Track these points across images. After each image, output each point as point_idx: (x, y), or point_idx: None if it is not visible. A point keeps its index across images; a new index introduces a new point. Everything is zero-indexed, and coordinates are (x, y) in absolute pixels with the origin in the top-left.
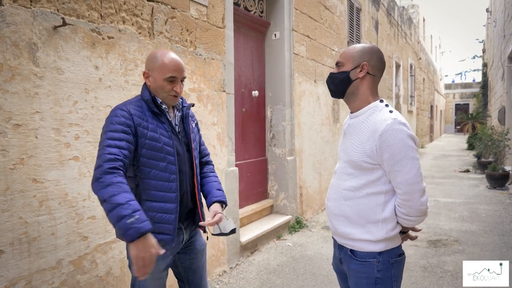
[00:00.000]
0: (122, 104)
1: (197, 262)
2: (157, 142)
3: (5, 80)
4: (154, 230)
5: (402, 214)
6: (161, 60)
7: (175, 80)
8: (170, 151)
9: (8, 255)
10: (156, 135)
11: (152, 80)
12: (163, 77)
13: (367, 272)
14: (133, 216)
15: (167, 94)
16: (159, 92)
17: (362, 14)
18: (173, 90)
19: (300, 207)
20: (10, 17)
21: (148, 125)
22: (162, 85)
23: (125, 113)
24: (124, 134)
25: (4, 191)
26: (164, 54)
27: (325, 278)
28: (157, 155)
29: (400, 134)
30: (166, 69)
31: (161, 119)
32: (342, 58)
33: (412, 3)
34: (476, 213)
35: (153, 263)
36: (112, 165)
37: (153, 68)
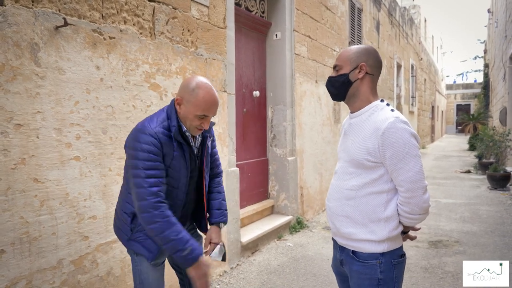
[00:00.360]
0: (151, 128)
1: None
2: (177, 172)
3: (7, 80)
4: (141, 241)
5: (404, 213)
6: (197, 95)
7: (207, 118)
8: (184, 182)
9: (9, 254)
10: (177, 164)
11: (183, 110)
12: (195, 113)
13: (370, 273)
14: (187, 248)
15: (193, 127)
16: (187, 122)
17: (364, 15)
18: (200, 125)
19: (301, 207)
20: (11, 17)
21: (173, 153)
22: (192, 118)
23: (156, 141)
24: (159, 163)
25: (5, 190)
26: (205, 89)
27: (326, 279)
28: (172, 182)
29: (402, 132)
30: (200, 107)
31: (184, 147)
32: (339, 61)
33: (413, 4)
34: (477, 214)
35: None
36: (157, 200)
37: (188, 100)
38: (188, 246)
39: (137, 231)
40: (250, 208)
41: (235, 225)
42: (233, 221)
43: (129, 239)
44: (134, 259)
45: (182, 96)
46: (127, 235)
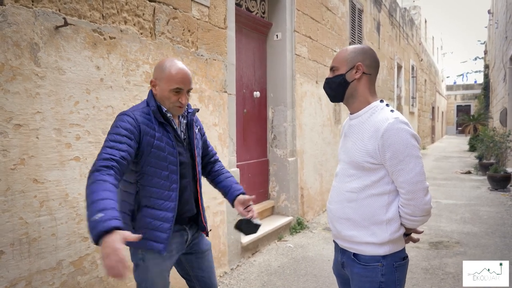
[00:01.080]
0: (129, 111)
1: (204, 261)
2: (162, 151)
3: (7, 80)
4: (148, 237)
5: (406, 215)
6: (168, 70)
7: (181, 92)
8: (173, 161)
9: (9, 255)
10: (162, 144)
11: (158, 90)
12: (169, 88)
13: (371, 276)
14: (97, 214)
15: (172, 105)
16: (165, 102)
17: (364, 15)
18: (178, 101)
19: (301, 208)
20: (11, 17)
21: (155, 133)
22: (168, 95)
23: (132, 120)
24: (127, 138)
25: (4, 191)
26: (172, 65)
27: (327, 280)
28: (160, 164)
29: (402, 133)
30: (172, 80)
31: (167, 128)
32: (335, 62)
33: (414, 5)
34: (478, 215)
35: (121, 259)
36: (105, 164)
37: (160, 78)
38: (100, 213)
39: (139, 228)
40: None
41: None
42: (233, 222)
43: None
44: (139, 266)
45: (156, 77)
46: None
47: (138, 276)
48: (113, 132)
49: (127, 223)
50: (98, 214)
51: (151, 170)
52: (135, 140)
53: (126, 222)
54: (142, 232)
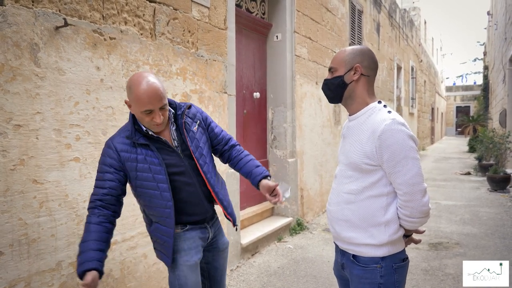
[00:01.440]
0: (112, 138)
1: (219, 259)
2: (147, 172)
3: (6, 80)
4: (160, 249)
5: (404, 216)
6: (135, 92)
7: (153, 111)
8: (162, 179)
9: (8, 256)
10: (145, 165)
11: (133, 110)
12: (139, 110)
13: (370, 277)
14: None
15: (148, 125)
16: (142, 121)
17: (364, 16)
18: (153, 121)
19: (301, 209)
20: (11, 17)
21: (136, 157)
22: (140, 117)
23: (110, 151)
24: (107, 173)
25: (4, 192)
26: (138, 84)
27: (326, 281)
28: (149, 185)
29: (399, 134)
30: (140, 102)
31: (150, 147)
32: (334, 63)
33: (413, 6)
34: (477, 216)
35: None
36: (90, 206)
37: (131, 99)
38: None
39: (155, 241)
40: (250, 209)
41: (235, 227)
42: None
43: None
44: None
45: (128, 98)
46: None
47: (170, 276)
48: (98, 169)
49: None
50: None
51: (144, 192)
52: (116, 171)
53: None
54: (154, 243)
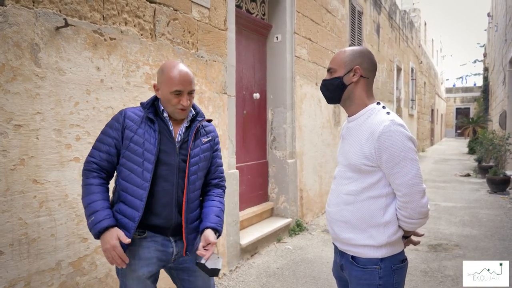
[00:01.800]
0: (126, 108)
1: (197, 281)
2: (139, 146)
3: (7, 80)
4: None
5: (403, 217)
6: (167, 73)
7: (181, 94)
8: (150, 158)
9: (8, 256)
10: (140, 139)
11: (160, 93)
12: (169, 90)
13: (369, 279)
14: (90, 218)
15: (174, 108)
16: (167, 105)
17: (364, 18)
18: (179, 104)
19: (301, 210)
20: (12, 17)
21: (137, 129)
22: (168, 98)
23: (119, 116)
24: (108, 137)
25: (4, 191)
26: (172, 67)
27: (325, 282)
28: (136, 159)
29: (398, 135)
30: (172, 82)
31: (154, 127)
32: (333, 64)
33: (413, 7)
34: (477, 217)
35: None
36: (87, 167)
37: (161, 81)
38: (92, 216)
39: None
40: (249, 210)
41: (234, 228)
42: (233, 223)
43: None
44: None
45: (158, 81)
46: None
47: (119, 278)
48: (101, 131)
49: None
50: (91, 217)
51: (128, 165)
52: (116, 137)
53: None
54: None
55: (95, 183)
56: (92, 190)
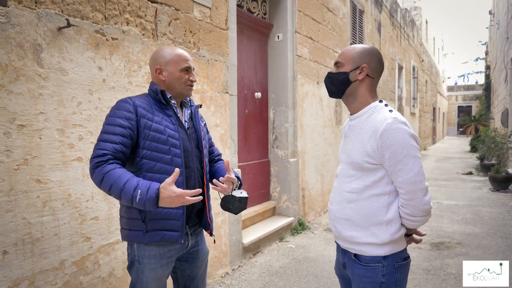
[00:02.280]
0: (128, 97)
1: (197, 270)
2: (161, 134)
3: (10, 80)
4: (161, 227)
5: (406, 215)
6: (173, 53)
7: (190, 69)
8: (176, 144)
9: (12, 255)
10: (161, 127)
11: (166, 74)
12: (179, 68)
13: (372, 276)
14: (136, 195)
15: (184, 85)
16: (175, 84)
17: (365, 16)
18: (189, 80)
19: (303, 209)
20: (15, 18)
21: (153, 117)
22: (179, 76)
23: (128, 105)
24: (121, 128)
25: (8, 191)
26: (173, 48)
27: (328, 280)
28: (161, 148)
29: (401, 133)
30: (181, 60)
31: (168, 112)
32: (342, 58)
33: (414, 5)
34: (479, 215)
35: (189, 194)
36: (99, 160)
37: (166, 62)
38: (136, 192)
39: (150, 219)
40: (251, 209)
41: (236, 227)
42: (235, 222)
43: (146, 231)
44: (134, 266)
45: (159, 64)
46: (142, 229)
47: (133, 275)
48: (108, 122)
49: (137, 218)
50: (136, 193)
51: (153, 155)
52: (131, 126)
53: (137, 217)
54: (154, 223)
55: (117, 167)
56: (118, 173)
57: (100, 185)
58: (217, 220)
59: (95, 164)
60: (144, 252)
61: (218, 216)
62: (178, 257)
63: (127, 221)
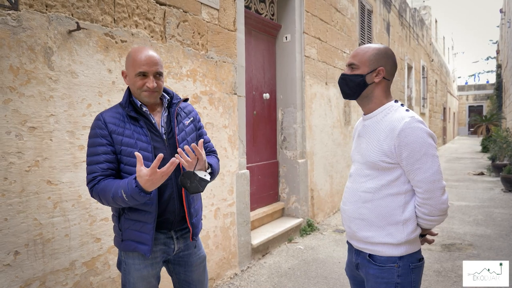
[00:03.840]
0: (101, 113)
1: (192, 275)
2: (132, 147)
3: (21, 83)
4: (133, 238)
5: (423, 214)
6: (132, 57)
7: (147, 75)
8: (148, 157)
9: (23, 256)
10: (131, 140)
11: (128, 79)
12: (134, 73)
13: (387, 277)
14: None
15: (140, 91)
16: (134, 90)
17: (374, 16)
18: (145, 86)
19: (312, 210)
20: (26, 21)
21: (123, 131)
22: (134, 81)
23: (99, 122)
24: (101, 146)
25: (19, 192)
26: (137, 51)
27: (337, 282)
28: (133, 161)
29: (419, 131)
30: (136, 64)
31: (140, 123)
32: (356, 60)
33: (424, 5)
34: (491, 216)
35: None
36: (92, 184)
37: (128, 65)
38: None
39: (124, 229)
40: (260, 210)
41: (245, 228)
42: (244, 223)
43: (122, 240)
44: (122, 268)
45: (126, 67)
46: (120, 237)
47: (122, 275)
48: (89, 144)
49: (117, 225)
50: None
51: (126, 169)
52: (109, 142)
53: (116, 223)
54: (128, 234)
55: (103, 182)
56: (104, 185)
57: (102, 203)
58: (225, 221)
59: (90, 189)
60: (127, 253)
61: (227, 217)
62: (170, 260)
63: (113, 226)
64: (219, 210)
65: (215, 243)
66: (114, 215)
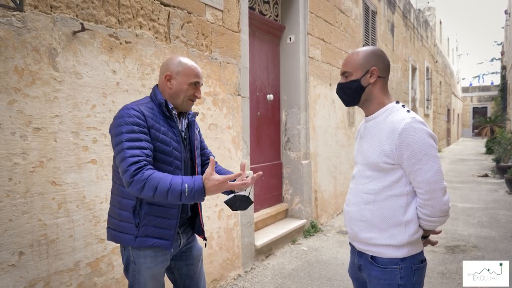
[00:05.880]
0: (133, 104)
1: (194, 268)
2: (167, 145)
3: (26, 84)
4: (153, 234)
5: (424, 216)
6: (186, 65)
7: (198, 85)
8: (178, 156)
9: (28, 256)
10: (167, 138)
11: (174, 83)
12: (188, 81)
13: (389, 279)
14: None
15: (187, 98)
16: (180, 95)
17: (378, 17)
18: (194, 95)
19: (315, 211)
20: (31, 23)
21: (160, 127)
22: (186, 88)
23: (138, 113)
24: (142, 134)
25: (24, 193)
26: (188, 61)
27: (341, 283)
28: (166, 159)
29: (420, 132)
30: (191, 74)
31: (171, 123)
32: (348, 67)
33: (428, 6)
34: (496, 218)
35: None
36: (137, 167)
37: (178, 71)
38: (184, 185)
39: (143, 225)
40: (264, 211)
41: (249, 229)
42: (247, 224)
43: (136, 237)
44: (130, 267)
45: (170, 71)
46: (134, 233)
47: (130, 277)
48: (126, 130)
49: (129, 222)
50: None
51: (156, 166)
52: (145, 132)
53: (129, 220)
54: (147, 229)
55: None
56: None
57: (140, 192)
58: (229, 222)
59: (133, 172)
60: (139, 252)
61: (231, 218)
62: (172, 256)
63: (118, 223)
64: (223, 211)
65: (218, 244)
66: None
